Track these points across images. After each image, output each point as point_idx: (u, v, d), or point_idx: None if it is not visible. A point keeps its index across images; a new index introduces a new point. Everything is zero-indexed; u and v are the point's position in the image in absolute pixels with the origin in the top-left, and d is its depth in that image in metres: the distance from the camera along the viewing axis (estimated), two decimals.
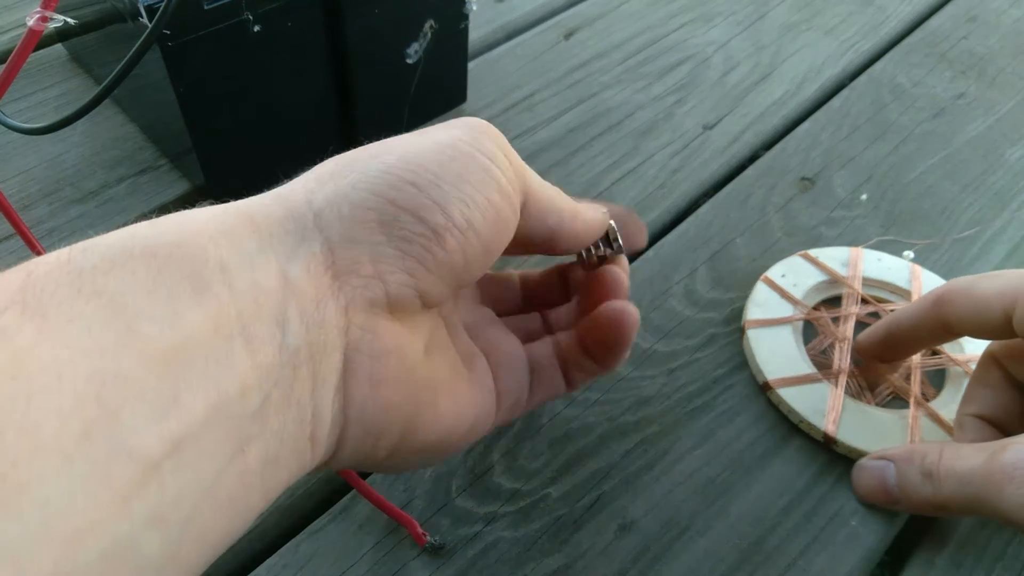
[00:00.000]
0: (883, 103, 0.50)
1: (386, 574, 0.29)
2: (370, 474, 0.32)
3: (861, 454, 0.32)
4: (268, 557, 0.30)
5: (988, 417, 0.30)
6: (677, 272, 0.40)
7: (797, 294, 0.37)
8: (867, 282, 0.38)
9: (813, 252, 0.39)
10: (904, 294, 0.38)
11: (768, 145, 0.48)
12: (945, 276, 0.40)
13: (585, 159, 0.46)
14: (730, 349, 0.37)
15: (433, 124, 0.24)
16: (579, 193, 0.44)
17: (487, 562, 0.30)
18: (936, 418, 0.33)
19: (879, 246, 0.41)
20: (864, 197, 0.44)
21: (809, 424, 0.32)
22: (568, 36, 0.55)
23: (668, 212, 0.44)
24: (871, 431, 0.32)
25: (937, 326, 0.31)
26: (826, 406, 0.33)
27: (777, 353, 0.35)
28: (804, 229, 0.42)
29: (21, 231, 0.34)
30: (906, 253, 0.40)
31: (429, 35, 0.43)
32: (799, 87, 0.51)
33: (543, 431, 0.34)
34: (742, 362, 0.36)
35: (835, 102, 0.51)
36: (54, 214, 0.42)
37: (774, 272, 0.38)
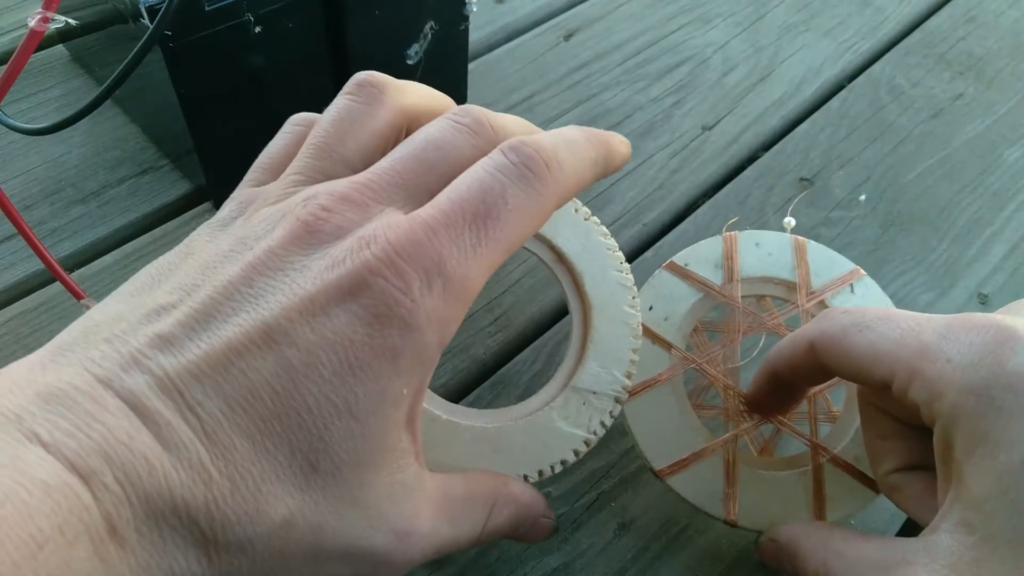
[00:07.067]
0: (881, 104, 0.51)
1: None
2: None
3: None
4: None
5: (912, 465, 0.28)
6: None
7: (670, 332, 0.32)
8: (747, 282, 0.33)
9: (680, 258, 0.34)
10: (791, 287, 0.33)
11: (767, 146, 0.48)
12: (943, 277, 0.40)
13: None
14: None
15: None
16: (579, 194, 0.44)
17: (487, 561, 0.30)
18: (838, 462, 0.30)
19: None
20: (862, 198, 0.44)
21: (707, 513, 0.30)
22: (568, 37, 0.55)
23: (667, 213, 0.44)
24: (774, 501, 0.30)
25: (817, 372, 0.28)
26: (721, 488, 0.30)
27: (660, 428, 0.31)
28: (802, 230, 0.43)
29: (23, 231, 0.34)
30: (786, 221, 0.35)
31: (429, 36, 0.43)
32: (798, 88, 0.52)
33: None
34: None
35: (834, 103, 0.51)
36: (56, 214, 0.42)
37: (641, 304, 0.32)
